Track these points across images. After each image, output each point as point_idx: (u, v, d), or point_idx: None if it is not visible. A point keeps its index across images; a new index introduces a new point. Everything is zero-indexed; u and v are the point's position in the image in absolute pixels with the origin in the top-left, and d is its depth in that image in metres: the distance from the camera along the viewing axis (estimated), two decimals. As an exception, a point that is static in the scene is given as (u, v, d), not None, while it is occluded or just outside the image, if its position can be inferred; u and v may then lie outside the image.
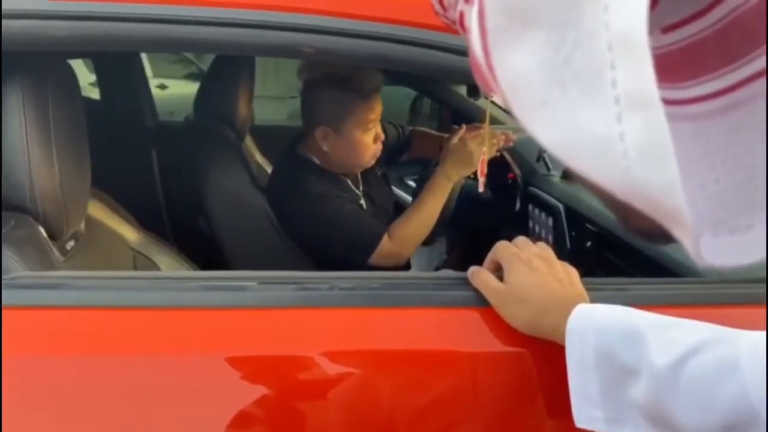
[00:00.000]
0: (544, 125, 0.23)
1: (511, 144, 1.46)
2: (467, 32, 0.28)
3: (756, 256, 0.26)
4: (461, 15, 0.32)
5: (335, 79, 1.30)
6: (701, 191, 0.27)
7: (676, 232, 0.22)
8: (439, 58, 0.77)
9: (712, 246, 0.26)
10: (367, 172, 1.50)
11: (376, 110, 1.35)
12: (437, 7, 0.37)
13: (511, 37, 0.24)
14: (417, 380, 0.71)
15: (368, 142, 1.37)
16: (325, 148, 1.37)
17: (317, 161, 1.42)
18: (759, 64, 0.27)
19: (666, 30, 0.28)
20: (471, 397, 0.71)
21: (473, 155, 1.33)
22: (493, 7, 0.25)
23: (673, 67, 0.28)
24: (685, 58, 0.28)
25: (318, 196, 1.37)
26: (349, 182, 1.46)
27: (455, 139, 1.35)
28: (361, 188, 1.49)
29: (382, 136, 1.41)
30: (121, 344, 0.69)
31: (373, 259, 1.33)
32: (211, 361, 0.69)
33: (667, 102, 0.28)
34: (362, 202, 1.47)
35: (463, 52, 0.78)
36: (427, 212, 1.37)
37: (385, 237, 1.35)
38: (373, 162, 1.44)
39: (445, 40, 0.77)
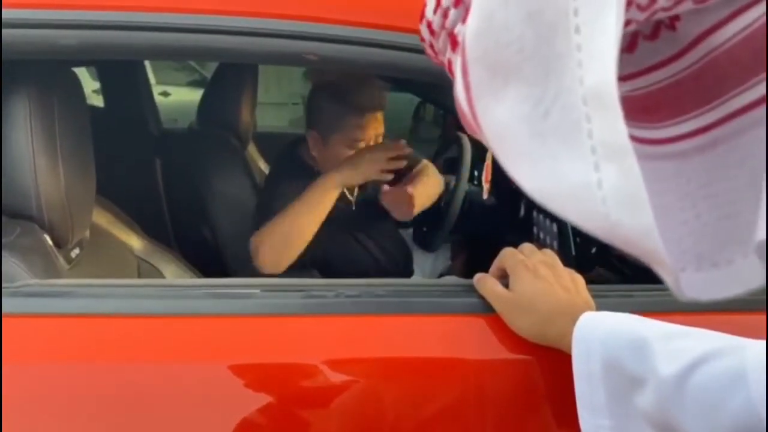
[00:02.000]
0: (528, 174, 0.25)
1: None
2: (454, 79, 0.29)
3: (736, 290, 0.27)
4: (449, 62, 0.33)
5: (333, 88, 1.29)
6: (684, 227, 0.28)
7: (657, 269, 0.24)
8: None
9: (694, 280, 0.27)
10: None
11: (368, 131, 1.30)
12: (428, 51, 0.38)
13: (493, 91, 0.25)
14: (423, 388, 0.70)
15: None
16: (314, 153, 1.37)
17: (313, 165, 1.41)
18: (734, 105, 0.27)
19: (644, 72, 0.29)
20: (477, 405, 0.71)
21: (363, 164, 1.22)
22: (476, 61, 0.26)
23: (652, 107, 0.29)
24: (663, 99, 0.29)
25: (282, 193, 1.33)
26: (344, 190, 1.42)
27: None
28: (355, 194, 1.47)
29: None
30: (126, 352, 0.69)
31: (256, 262, 1.24)
32: (216, 368, 0.68)
33: (647, 141, 0.29)
34: (351, 206, 1.46)
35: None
36: (300, 212, 1.22)
37: (253, 240, 1.25)
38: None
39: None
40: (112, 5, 0.72)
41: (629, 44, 0.29)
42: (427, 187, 1.51)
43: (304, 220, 1.23)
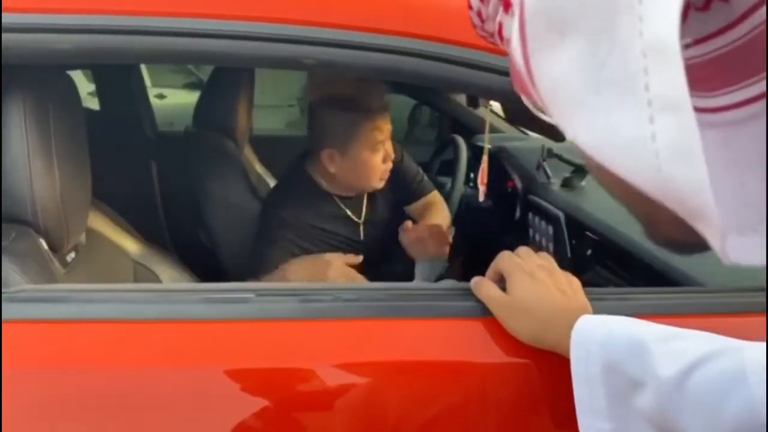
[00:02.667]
0: (581, 126, 0.25)
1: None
2: (506, 42, 0.29)
3: None
4: (500, 25, 0.34)
5: (340, 99, 1.27)
6: (729, 193, 0.28)
7: (703, 229, 0.23)
8: (441, 69, 0.78)
9: (737, 245, 0.27)
10: (375, 197, 1.48)
11: (384, 129, 1.32)
12: (475, 20, 0.38)
13: (550, 45, 0.25)
14: (421, 392, 0.70)
15: (377, 163, 1.34)
16: (332, 171, 1.35)
17: (323, 184, 1.41)
18: None
19: (696, 42, 0.29)
20: (475, 409, 0.71)
21: (329, 275, 1.25)
22: (534, 17, 0.26)
23: (702, 77, 0.29)
24: (714, 69, 0.29)
25: (288, 213, 1.36)
26: (349, 212, 1.44)
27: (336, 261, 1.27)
28: (363, 217, 1.46)
29: (392, 156, 1.37)
30: (122, 357, 0.69)
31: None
32: (213, 373, 0.68)
33: (696, 110, 0.29)
34: (358, 231, 1.45)
35: (464, 63, 0.79)
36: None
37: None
38: (383, 183, 1.40)
39: (446, 52, 0.77)
40: (108, 9, 0.72)
41: (682, 15, 0.29)
42: (443, 220, 1.55)
43: None
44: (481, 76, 0.78)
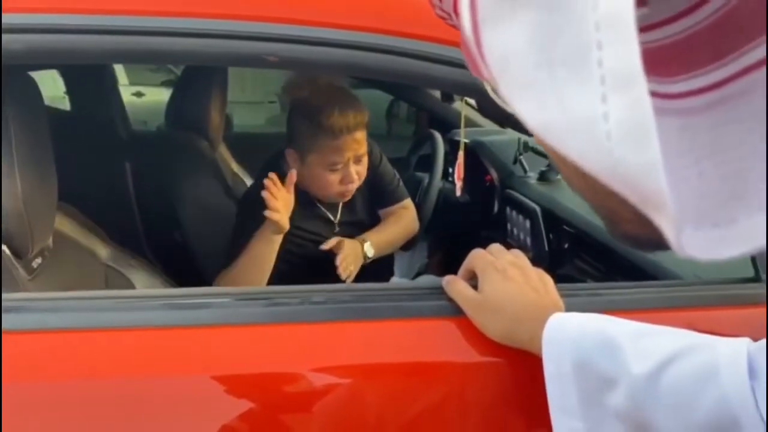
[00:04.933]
0: (530, 105, 0.23)
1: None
2: (459, 16, 0.28)
3: (738, 250, 0.25)
4: (455, 1, 0.32)
5: (307, 106, 1.26)
6: (685, 184, 0.27)
7: (657, 219, 0.22)
8: (407, 65, 0.76)
9: (693, 239, 0.25)
10: (353, 197, 1.43)
11: (346, 153, 1.27)
12: None
13: (500, 15, 0.24)
14: (392, 394, 0.69)
15: (331, 181, 1.31)
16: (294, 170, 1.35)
17: (298, 182, 1.39)
18: (752, 58, 0.26)
19: (658, 25, 0.27)
20: (448, 410, 0.70)
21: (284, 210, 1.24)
22: None
23: (663, 61, 0.28)
24: (677, 53, 0.28)
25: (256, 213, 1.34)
26: (326, 210, 1.42)
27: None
28: (338, 217, 1.44)
29: (357, 179, 1.32)
30: (87, 368, 0.67)
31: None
32: (182, 381, 0.67)
33: (656, 95, 0.28)
34: (335, 230, 1.44)
35: (433, 59, 0.77)
36: (247, 266, 1.28)
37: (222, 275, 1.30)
38: (343, 199, 1.38)
39: (413, 47, 0.76)
40: (59, 8, 0.70)
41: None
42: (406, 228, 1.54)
43: (254, 271, 1.27)
44: (449, 72, 0.77)
